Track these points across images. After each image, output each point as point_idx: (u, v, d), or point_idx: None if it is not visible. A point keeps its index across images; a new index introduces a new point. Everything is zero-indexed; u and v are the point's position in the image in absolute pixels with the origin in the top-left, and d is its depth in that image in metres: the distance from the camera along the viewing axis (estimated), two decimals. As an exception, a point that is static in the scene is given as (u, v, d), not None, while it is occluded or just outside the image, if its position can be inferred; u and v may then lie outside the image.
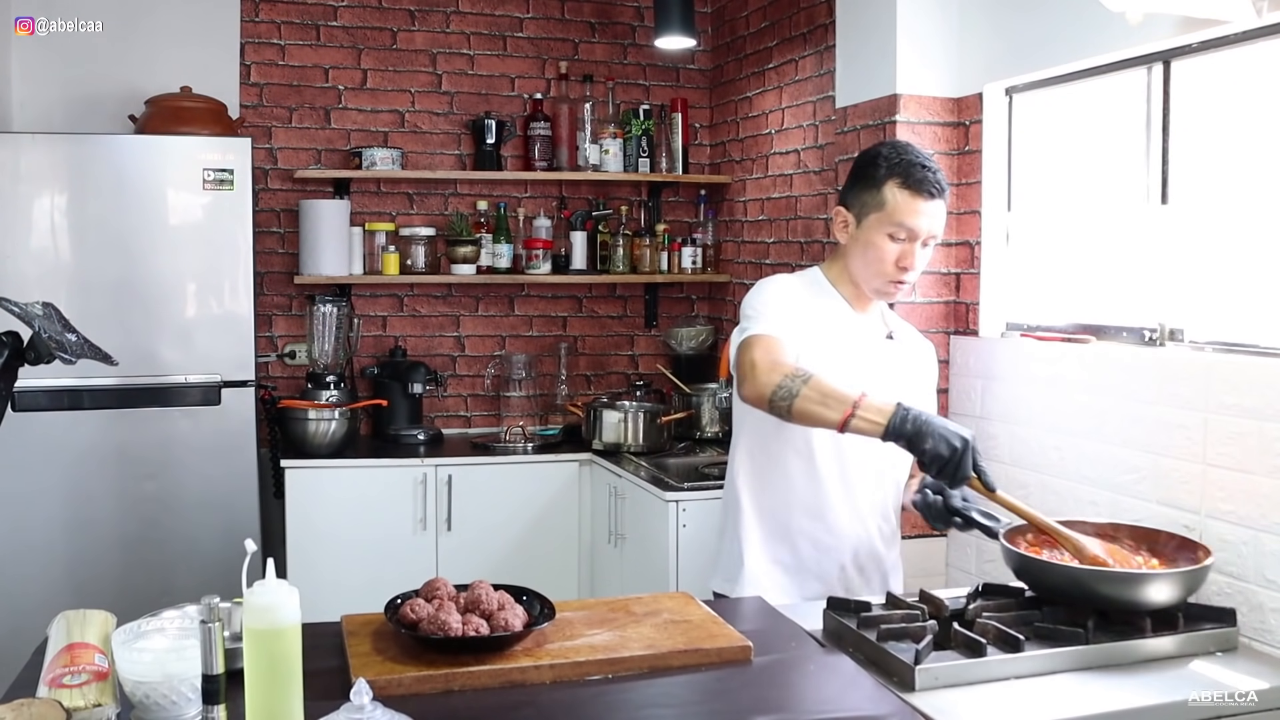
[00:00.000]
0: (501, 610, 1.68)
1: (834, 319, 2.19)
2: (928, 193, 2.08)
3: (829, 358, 2.08)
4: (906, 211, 2.08)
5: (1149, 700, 1.71)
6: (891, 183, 2.09)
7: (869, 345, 2.20)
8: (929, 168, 2.10)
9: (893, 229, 2.09)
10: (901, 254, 2.11)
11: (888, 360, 2.21)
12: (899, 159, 2.11)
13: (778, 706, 1.56)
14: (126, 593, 3.44)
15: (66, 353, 1.67)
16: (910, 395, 2.11)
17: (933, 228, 2.11)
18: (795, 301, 2.15)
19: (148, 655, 1.48)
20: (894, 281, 2.13)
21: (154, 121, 3.70)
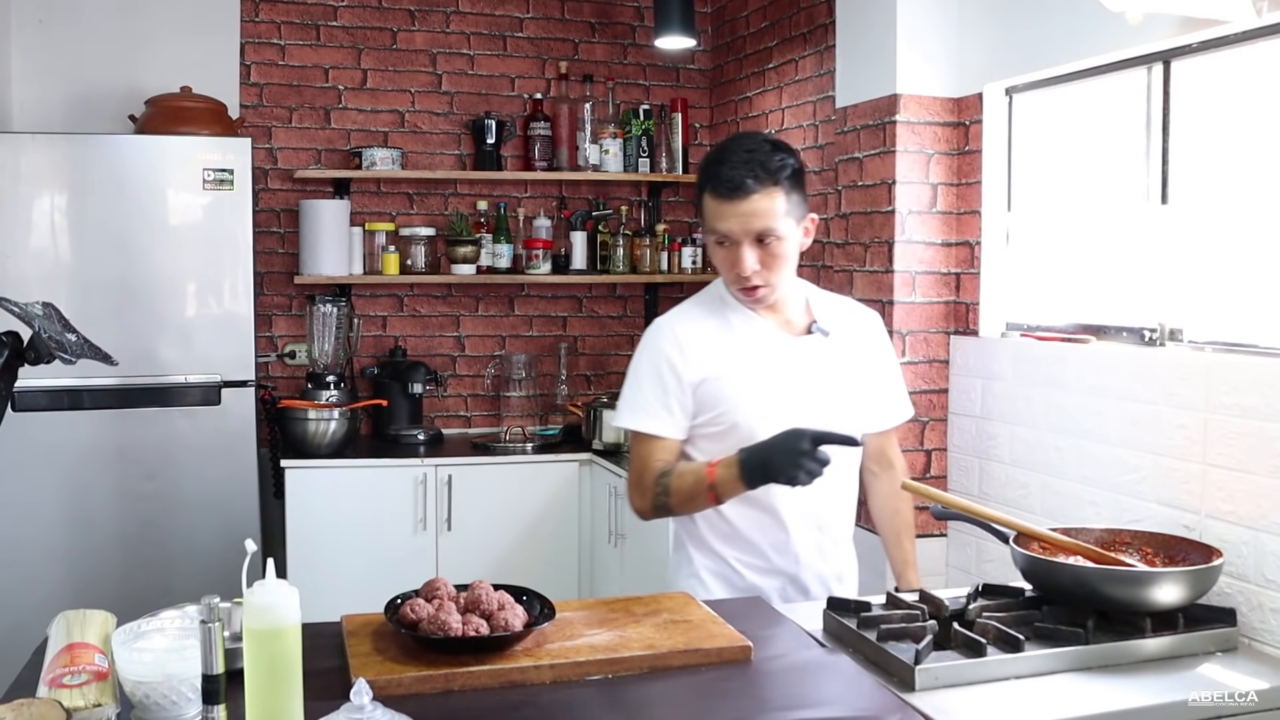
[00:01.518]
0: (501, 610, 1.68)
1: (738, 332, 2.08)
2: (728, 194, 1.96)
3: (740, 375, 2.03)
4: (715, 216, 1.99)
5: (1149, 700, 1.71)
6: (705, 190, 2.01)
7: (779, 349, 2.08)
8: (733, 163, 1.96)
9: (715, 236, 2.01)
10: (731, 259, 2.00)
11: (810, 357, 2.09)
12: (710, 160, 2.02)
13: (778, 706, 1.56)
14: (126, 593, 3.44)
15: (66, 353, 1.67)
16: (848, 384, 2.11)
17: (750, 226, 1.96)
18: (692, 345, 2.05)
19: (147, 655, 1.47)
20: (743, 288, 2.03)
21: (154, 121, 3.70)
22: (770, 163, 1.97)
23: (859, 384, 2.15)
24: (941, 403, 2.95)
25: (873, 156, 2.99)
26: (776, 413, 2.00)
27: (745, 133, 2.13)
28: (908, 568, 2.30)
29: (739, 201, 1.96)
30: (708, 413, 2.05)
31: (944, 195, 2.93)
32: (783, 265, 2.02)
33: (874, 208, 2.98)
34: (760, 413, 2.02)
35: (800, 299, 2.15)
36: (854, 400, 2.13)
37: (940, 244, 2.94)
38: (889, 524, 2.31)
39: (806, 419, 1.99)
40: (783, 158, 1.99)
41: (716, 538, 2.12)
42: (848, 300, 2.26)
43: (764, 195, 1.96)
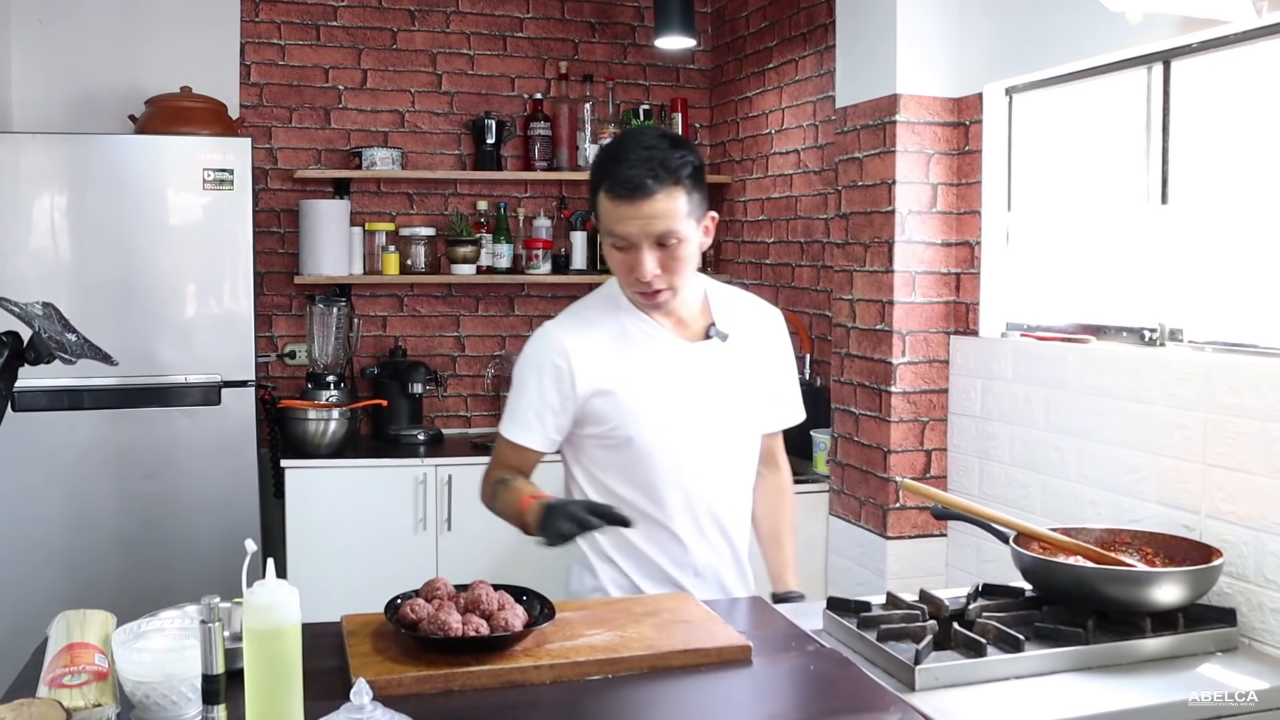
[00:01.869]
0: (501, 610, 1.68)
1: (631, 336, 2.00)
2: (627, 195, 1.84)
3: (634, 387, 1.96)
4: (613, 218, 1.87)
5: (1149, 700, 1.71)
6: (600, 191, 1.88)
7: (674, 354, 2.00)
8: (631, 162, 1.84)
9: (611, 239, 1.90)
10: (629, 263, 1.91)
11: (707, 363, 2.01)
12: (604, 158, 1.91)
13: (778, 706, 1.56)
14: (126, 593, 3.44)
15: (66, 353, 1.67)
16: (744, 389, 2.05)
17: (650, 228, 1.86)
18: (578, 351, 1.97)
19: (147, 655, 1.47)
20: (640, 293, 1.94)
21: (154, 121, 3.70)
22: (670, 160, 1.86)
23: (756, 387, 2.08)
24: (941, 403, 2.95)
25: (873, 156, 2.99)
26: (672, 424, 1.97)
27: (642, 128, 2.05)
28: (785, 569, 2.20)
29: (639, 203, 1.84)
30: (600, 425, 1.98)
31: (944, 195, 2.93)
32: (684, 268, 1.93)
33: (874, 208, 2.98)
34: (655, 426, 1.97)
35: (698, 297, 2.06)
36: (750, 405, 2.08)
37: (940, 244, 2.94)
38: (770, 523, 2.23)
39: (702, 428, 2.00)
40: (683, 155, 1.88)
41: (612, 546, 2.06)
42: (749, 297, 2.17)
43: (665, 196, 1.85)
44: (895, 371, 2.92)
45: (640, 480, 2.00)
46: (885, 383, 2.94)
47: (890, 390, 2.92)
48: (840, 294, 3.15)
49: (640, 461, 1.99)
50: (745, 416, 2.08)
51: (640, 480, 2.00)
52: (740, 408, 2.06)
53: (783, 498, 2.25)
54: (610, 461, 2.01)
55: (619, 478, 2.01)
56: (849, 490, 3.14)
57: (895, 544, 2.95)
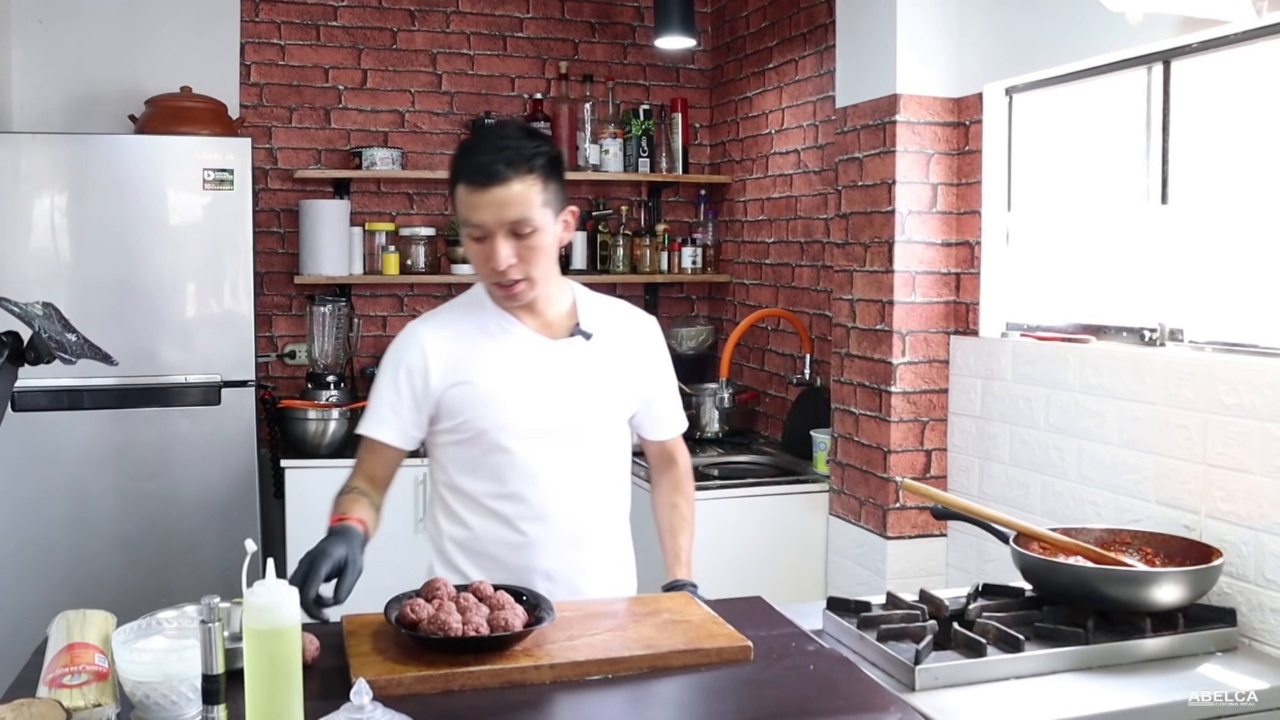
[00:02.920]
0: (501, 610, 1.68)
1: (492, 337, 1.99)
2: (481, 182, 1.85)
3: (489, 380, 1.95)
4: (468, 207, 1.87)
5: (1149, 700, 1.71)
6: (458, 181, 1.89)
7: (538, 353, 1.99)
8: (484, 150, 1.87)
9: (468, 229, 1.89)
10: (485, 253, 1.89)
11: (568, 360, 1.99)
12: (462, 149, 1.92)
13: (778, 706, 1.56)
14: (126, 593, 3.44)
15: (66, 353, 1.67)
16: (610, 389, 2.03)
17: (504, 216, 1.85)
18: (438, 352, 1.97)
19: (147, 655, 1.47)
20: (497, 285, 1.92)
21: (154, 121, 3.70)
22: (524, 149, 1.87)
23: (623, 389, 2.06)
24: (941, 403, 2.95)
25: (873, 156, 2.99)
26: (527, 419, 1.95)
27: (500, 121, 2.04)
28: (678, 562, 2.18)
29: (492, 189, 1.84)
30: (455, 419, 1.97)
31: (944, 195, 2.93)
32: (540, 259, 1.91)
33: (874, 208, 2.98)
34: (510, 419, 1.95)
35: (567, 301, 2.05)
36: (613, 406, 2.05)
37: (940, 244, 2.94)
38: (666, 517, 2.23)
39: (560, 425, 1.97)
40: (538, 145, 1.90)
41: (456, 548, 2.05)
42: (623, 304, 2.15)
43: (519, 182, 1.85)
44: (895, 371, 2.92)
45: (492, 476, 1.97)
46: (885, 383, 2.94)
47: (890, 390, 2.92)
48: (840, 294, 3.15)
49: (493, 456, 1.97)
50: (607, 417, 2.04)
51: (492, 476, 1.97)
52: (602, 407, 2.03)
53: (677, 491, 2.23)
54: (464, 457, 2.00)
55: (472, 475, 2.00)
56: (849, 490, 3.14)
57: (895, 544, 2.95)
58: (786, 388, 3.92)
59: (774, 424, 4.02)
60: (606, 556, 2.09)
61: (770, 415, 4.08)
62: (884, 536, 2.96)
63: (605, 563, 2.08)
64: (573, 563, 2.01)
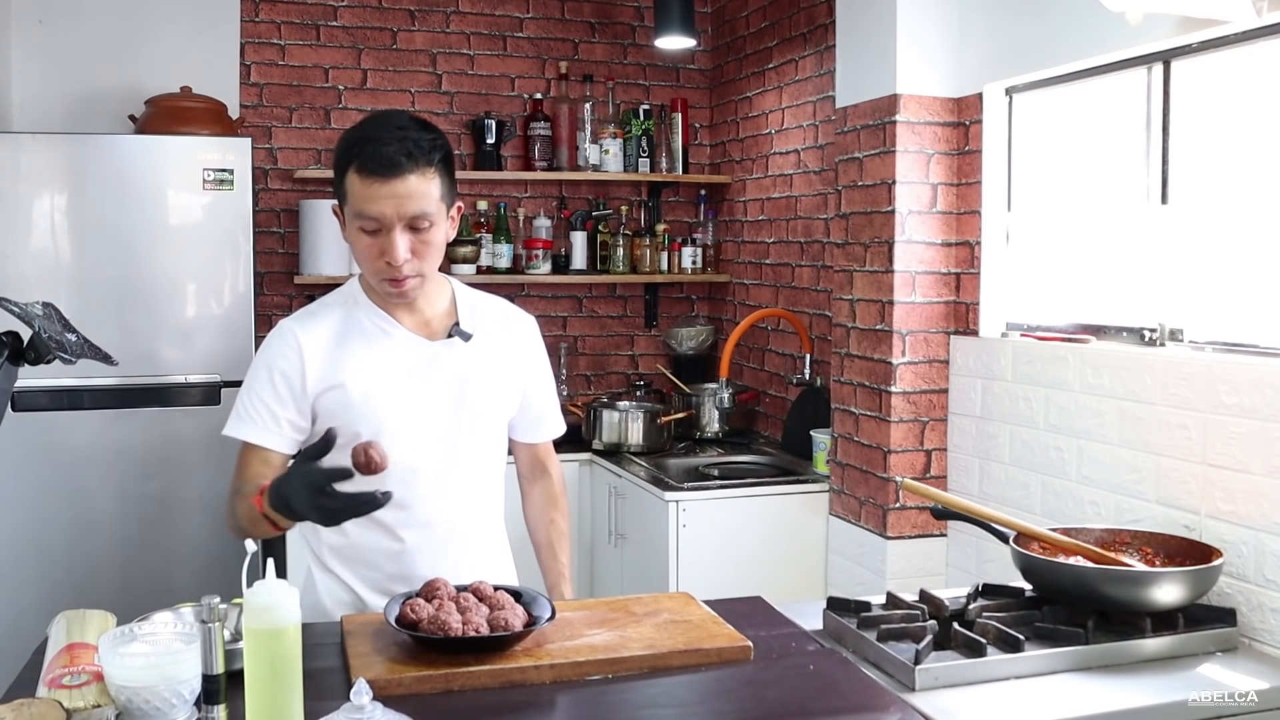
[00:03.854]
0: (501, 610, 1.68)
1: (368, 337, 1.92)
2: (381, 173, 1.77)
3: (364, 382, 1.89)
4: (364, 198, 1.78)
5: (1149, 700, 1.71)
6: (350, 169, 1.80)
7: (415, 353, 1.93)
8: (384, 140, 1.78)
9: (361, 221, 1.81)
10: (379, 246, 1.81)
11: (446, 361, 1.94)
12: (355, 138, 1.82)
13: (778, 706, 1.56)
14: (126, 593, 3.44)
15: (66, 353, 1.67)
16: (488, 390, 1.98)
17: (404, 209, 1.79)
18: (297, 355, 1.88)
19: (131, 660, 1.43)
20: (388, 279, 1.84)
21: (154, 121, 3.70)
22: (424, 142, 1.81)
23: (501, 390, 2.02)
24: (941, 403, 2.95)
25: (873, 156, 2.99)
26: (404, 422, 1.90)
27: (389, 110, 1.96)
28: (562, 581, 2.12)
29: (393, 181, 1.77)
30: (329, 423, 1.84)
31: (944, 195, 2.93)
32: (435, 255, 1.87)
33: (874, 208, 2.98)
34: (385, 422, 1.88)
35: (446, 298, 2.00)
36: (492, 407, 2.01)
37: (940, 244, 2.94)
38: (543, 533, 2.16)
39: (438, 428, 1.92)
40: (435, 138, 1.84)
41: (333, 555, 1.98)
42: (502, 301, 2.12)
43: (419, 176, 1.79)
44: (895, 371, 2.92)
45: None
46: (885, 383, 2.94)
47: (890, 390, 2.92)
48: (840, 294, 3.15)
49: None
50: (486, 419, 2.00)
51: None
52: (481, 409, 1.98)
53: (553, 506, 2.18)
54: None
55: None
56: (849, 490, 3.14)
57: (895, 544, 2.95)
58: (786, 388, 3.92)
59: (774, 424, 4.02)
60: (487, 560, 2.04)
61: (770, 415, 4.08)
62: (884, 536, 2.96)
63: (486, 566, 2.02)
64: (454, 568, 1.91)
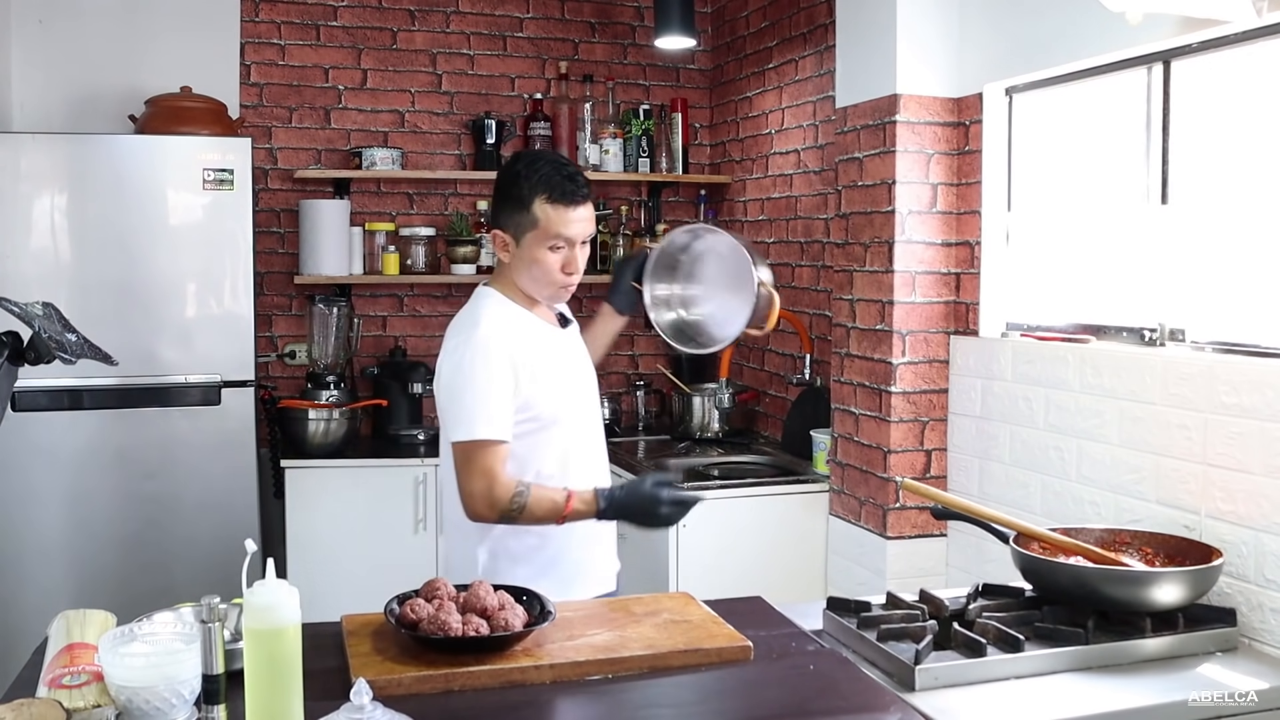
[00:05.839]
0: (501, 610, 1.68)
1: (530, 335, 2.19)
2: (574, 201, 2.13)
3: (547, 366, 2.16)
4: (560, 222, 2.12)
5: (1149, 700, 1.71)
6: (539, 199, 2.12)
7: (558, 345, 2.24)
8: (569, 175, 2.14)
9: (552, 241, 2.13)
10: (565, 261, 2.16)
11: (573, 349, 2.29)
12: (540, 175, 2.14)
13: (778, 706, 1.56)
14: (126, 593, 3.44)
15: (66, 353, 1.67)
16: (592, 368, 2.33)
17: (588, 229, 2.17)
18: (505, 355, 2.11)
19: (130, 660, 1.44)
20: (563, 288, 2.20)
21: (154, 121, 3.70)
22: (582, 174, 2.19)
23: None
24: (941, 403, 2.95)
25: (873, 156, 2.99)
26: (571, 404, 2.20)
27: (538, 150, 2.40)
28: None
29: (581, 206, 2.14)
30: (527, 412, 2.12)
31: (944, 195, 2.93)
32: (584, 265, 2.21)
33: (874, 208, 2.98)
34: (566, 405, 2.19)
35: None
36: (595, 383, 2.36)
37: (940, 244, 2.94)
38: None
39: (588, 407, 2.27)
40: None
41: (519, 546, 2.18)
42: None
43: (591, 202, 2.18)
44: (895, 371, 2.92)
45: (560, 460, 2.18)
46: (885, 383, 2.94)
47: (890, 390, 2.92)
48: (840, 294, 3.15)
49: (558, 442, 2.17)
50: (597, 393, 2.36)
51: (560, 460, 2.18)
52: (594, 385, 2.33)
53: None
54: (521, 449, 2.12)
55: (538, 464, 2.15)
56: (849, 490, 3.14)
57: (895, 544, 2.95)
58: (786, 388, 3.92)
59: (774, 424, 4.02)
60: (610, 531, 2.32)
61: (770, 415, 4.08)
62: (884, 536, 2.96)
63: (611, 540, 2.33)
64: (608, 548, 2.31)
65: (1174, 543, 2.07)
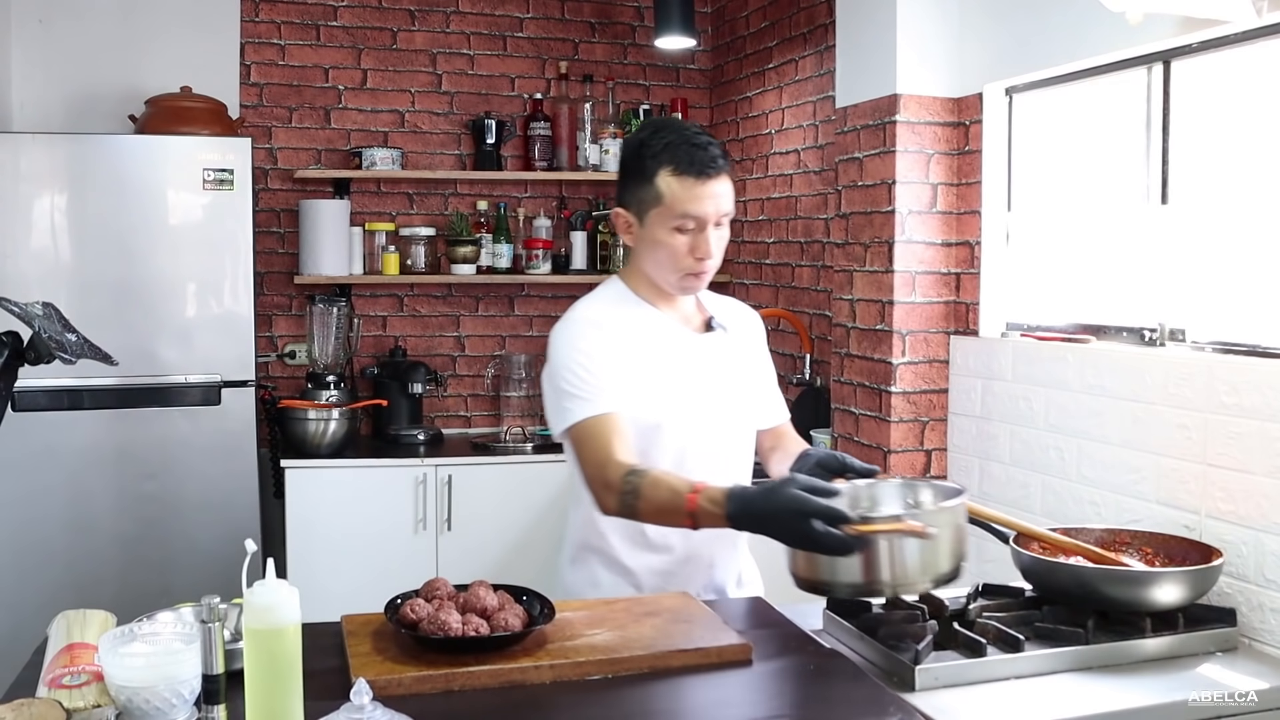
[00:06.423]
0: (501, 610, 1.68)
1: (643, 329, 1.99)
2: (705, 174, 1.88)
3: (651, 374, 1.95)
4: (687, 199, 1.88)
5: (1149, 700, 1.71)
6: (664, 172, 1.89)
7: (684, 346, 2.02)
8: (699, 144, 1.89)
9: (678, 221, 1.90)
10: (694, 244, 1.92)
11: (709, 354, 2.03)
12: (665, 143, 1.91)
13: (778, 706, 1.56)
14: (126, 593, 3.44)
15: (66, 353, 1.67)
16: (745, 380, 2.08)
17: (720, 207, 1.92)
18: (608, 335, 1.94)
19: (130, 660, 1.43)
20: (693, 274, 1.95)
21: (154, 121, 3.70)
22: (718, 144, 1.93)
23: (748, 381, 2.12)
24: (941, 403, 2.95)
25: (873, 156, 2.99)
26: (683, 410, 1.97)
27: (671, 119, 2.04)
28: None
29: (712, 181, 1.89)
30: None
31: (944, 195, 2.93)
32: (723, 249, 1.98)
33: (874, 208, 2.98)
34: (668, 409, 1.96)
35: (692, 295, 2.07)
36: (747, 398, 2.11)
37: (940, 244, 2.94)
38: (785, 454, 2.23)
39: (709, 417, 2.00)
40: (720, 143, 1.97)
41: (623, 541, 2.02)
42: (732, 299, 2.21)
43: (727, 175, 1.92)
44: (895, 371, 2.92)
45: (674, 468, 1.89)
46: (885, 383, 2.94)
47: (890, 390, 2.92)
48: (840, 294, 3.15)
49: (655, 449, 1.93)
50: (743, 408, 2.10)
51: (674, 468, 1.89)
52: (739, 399, 2.08)
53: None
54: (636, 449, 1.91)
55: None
56: (849, 490, 3.13)
57: (895, 544, 2.94)
58: (787, 387, 3.91)
59: (774, 424, 4.02)
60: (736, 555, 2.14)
61: (770, 415, 4.07)
62: (884, 536, 2.95)
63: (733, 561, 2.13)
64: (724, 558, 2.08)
65: (1174, 543, 2.07)
